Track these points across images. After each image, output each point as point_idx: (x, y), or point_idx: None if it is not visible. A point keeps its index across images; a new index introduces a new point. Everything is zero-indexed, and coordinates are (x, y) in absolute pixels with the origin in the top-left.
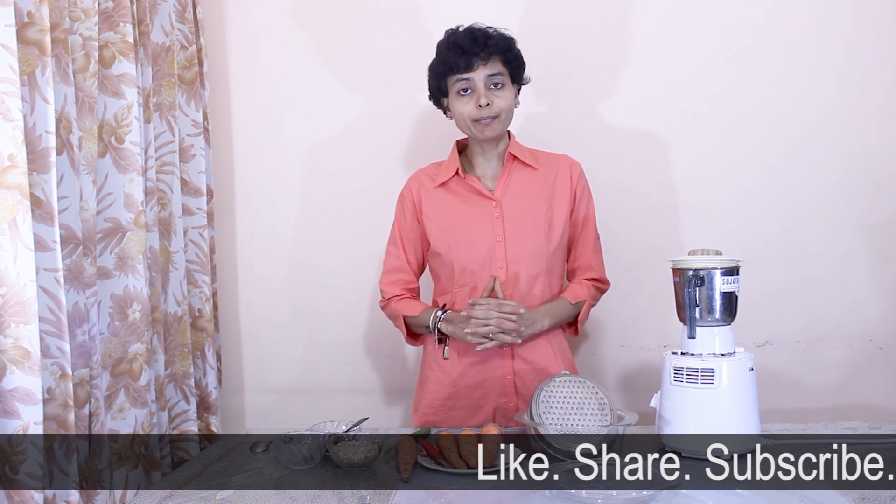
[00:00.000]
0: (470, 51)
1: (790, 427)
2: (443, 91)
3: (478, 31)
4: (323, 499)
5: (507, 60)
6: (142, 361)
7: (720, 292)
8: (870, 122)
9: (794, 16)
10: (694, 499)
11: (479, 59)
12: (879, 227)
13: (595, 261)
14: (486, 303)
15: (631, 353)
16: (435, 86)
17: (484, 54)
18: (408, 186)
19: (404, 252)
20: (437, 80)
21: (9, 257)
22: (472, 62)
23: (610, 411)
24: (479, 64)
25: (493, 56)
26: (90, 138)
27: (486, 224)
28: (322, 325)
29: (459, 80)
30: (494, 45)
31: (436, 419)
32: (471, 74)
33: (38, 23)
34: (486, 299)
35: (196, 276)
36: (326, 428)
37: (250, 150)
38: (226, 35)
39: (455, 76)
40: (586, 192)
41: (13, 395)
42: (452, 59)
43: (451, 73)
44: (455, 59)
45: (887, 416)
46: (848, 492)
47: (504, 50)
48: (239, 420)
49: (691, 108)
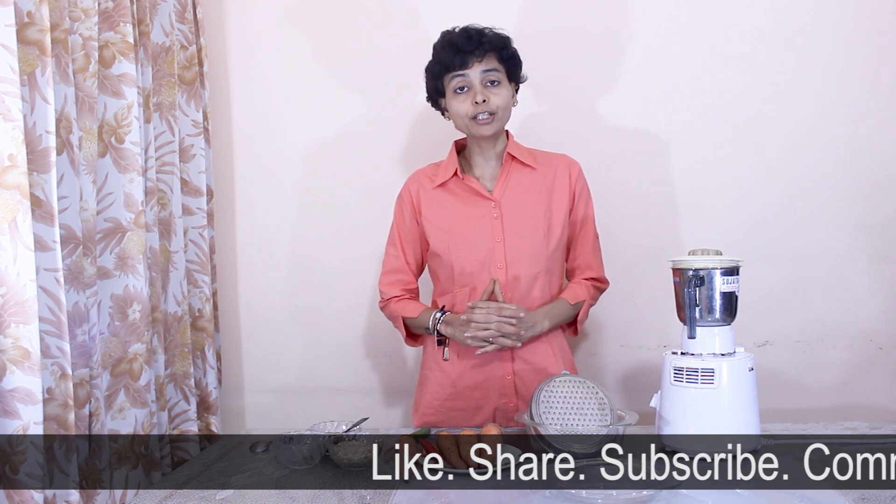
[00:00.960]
0: (465, 48)
1: (790, 427)
2: (440, 91)
3: (472, 29)
4: (323, 499)
5: (503, 58)
6: (142, 361)
7: (720, 292)
8: (870, 122)
9: (793, 16)
10: (694, 499)
11: (474, 56)
12: (879, 227)
13: (594, 260)
14: (486, 306)
15: (631, 353)
16: (432, 86)
17: (479, 52)
18: (406, 187)
19: (403, 253)
20: (433, 80)
21: (9, 257)
22: (468, 60)
23: (610, 411)
24: (475, 61)
25: (489, 54)
26: (90, 138)
27: (485, 224)
28: (322, 325)
29: (455, 77)
30: (489, 43)
31: (436, 419)
32: (466, 71)
33: (38, 23)
34: (486, 303)
35: (196, 276)
36: (326, 428)
37: (250, 150)
38: (226, 35)
39: (451, 74)
40: (585, 192)
41: (13, 395)
42: (448, 57)
43: (446, 72)
44: (450, 58)
45: (887, 416)
46: (848, 492)
47: (499, 48)
48: (239, 420)
49: (691, 108)
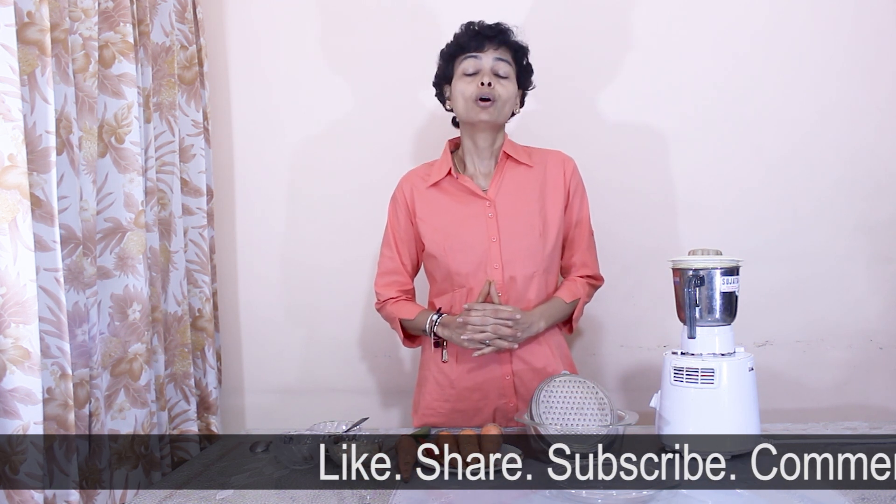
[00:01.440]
0: (484, 33)
1: (790, 427)
2: (447, 77)
3: (496, 23)
4: (323, 499)
5: (517, 59)
6: (142, 361)
7: (720, 292)
8: (870, 122)
9: (794, 16)
10: (694, 499)
11: (491, 43)
12: (879, 227)
13: (589, 258)
14: (482, 308)
15: (631, 353)
16: (442, 70)
17: (497, 41)
18: (400, 187)
19: (398, 254)
20: (445, 62)
21: (9, 257)
22: (484, 44)
23: (610, 411)
24: (490, 47)
25: (505, 47)
26: (90, 138)
27: (480, 224)
28: (322, 325)
29: (468, 58)
30: (509, 40)
31: (435, 420)
32: (480, 55)
33: (38, 23)
34: (482, 305)
35: (196, 276)
36: (326, 428)
37: (250, 150)
38: (226, 35)
39: (464, 55)
40: (580, 188)
41: (13, 395)
42: (465, 39)
43: (461, 52)
44: (468, 40)
45: (887, 416)
46: (848, 492)
47: (515, 49)
48: (239, 420)
49: (691, 108)
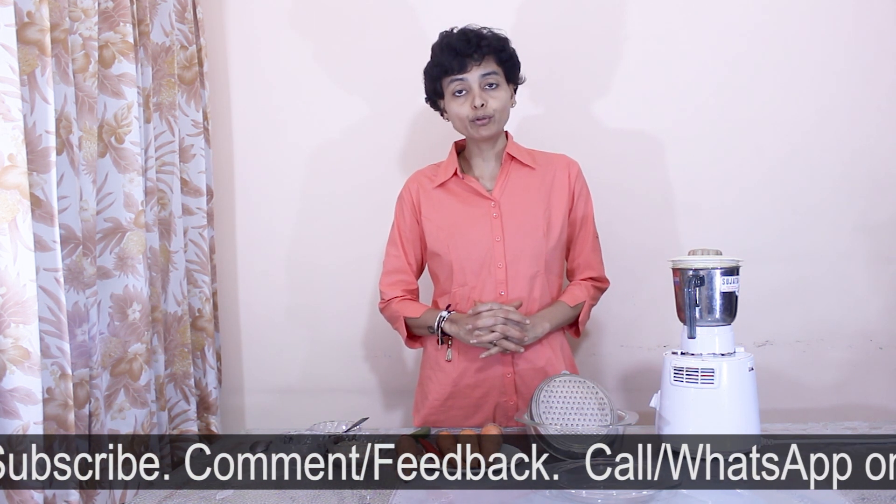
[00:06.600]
0: (463, 52)
1: (790, 427)
2: (438, 93)
3: (471, 32)
4: (323, 499)
5: (501, 60)
6: (142, 361)
7: (720, 292)
8: (870, 122)
9: (793, 15)
10: (694, 499)
11: (472, 60)
12: (879, 227)
13: (594, 260)
14: (492, 309)
15: (631, 353)
16: (430, 88)
17: (477, 55)
18: (407, 187)
19: (404, 253)
20: (432, 82)
21: (9, 257)
22: (466, 63)
23: (610, 411)
24: (473, 65)
25: (487, 56)
26: (90, 138)
27: (484, 224)
28: (322, 325)
29: (454, 80)
30: (488, 46)
31: (436, 419)
32: (465, 75)
33: (38, 23)
34: (492, 304)
35: (196, 276)
36: (326, 428)
37: (250, 150)
38: (226, 35)
39: (449, 77)
40: (584, 191)
41: (13, 395)
42: (446, 60)
43: (445, 75)
44: (449, 61)
45: (887, 416)
46: (848, 492)
47: (498, 50)
48: (239, 420)
49: (690, 108)
